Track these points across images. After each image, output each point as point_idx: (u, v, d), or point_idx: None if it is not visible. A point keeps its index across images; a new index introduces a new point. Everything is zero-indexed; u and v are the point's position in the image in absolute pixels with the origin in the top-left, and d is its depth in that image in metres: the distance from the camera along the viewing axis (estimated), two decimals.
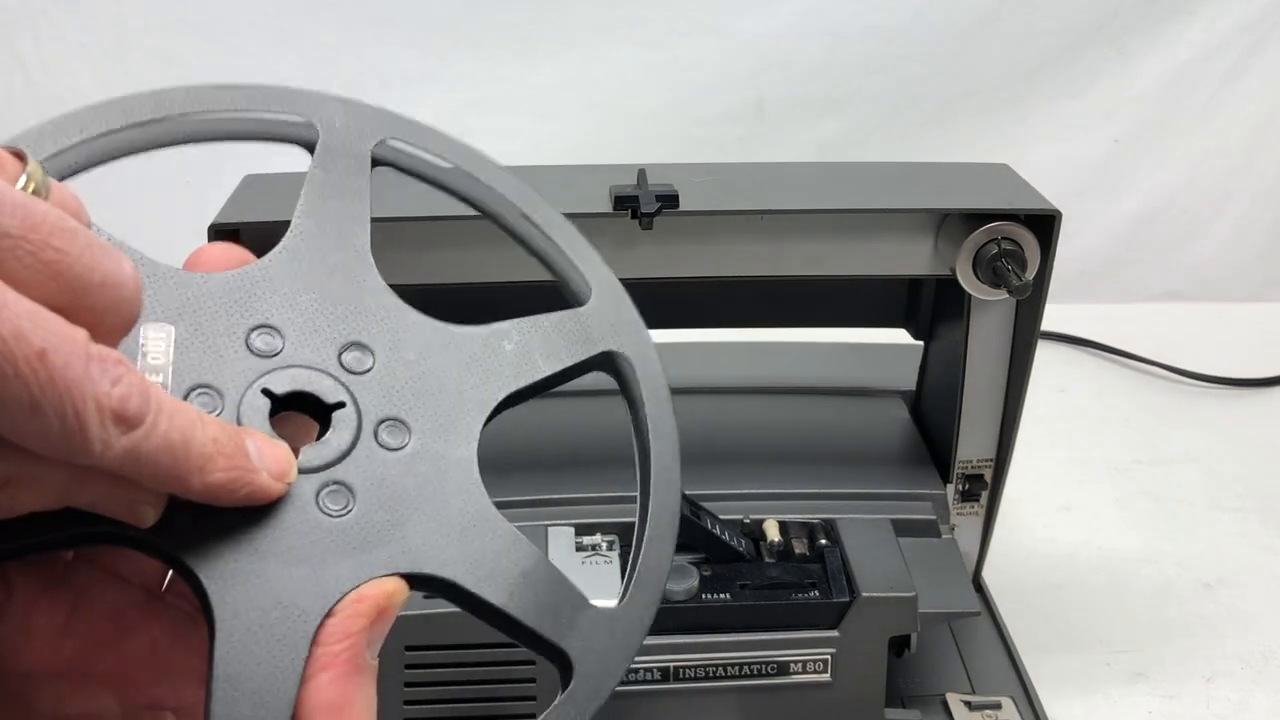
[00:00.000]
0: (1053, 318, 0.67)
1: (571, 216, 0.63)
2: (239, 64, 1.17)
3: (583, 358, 0.37)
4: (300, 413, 0.33)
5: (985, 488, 0.72)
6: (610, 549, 0.64)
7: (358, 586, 0.30)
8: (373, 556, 0.31)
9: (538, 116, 1.22)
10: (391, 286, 0.53)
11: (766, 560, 0.64)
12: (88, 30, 1.16)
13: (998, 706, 0.66)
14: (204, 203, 0.61)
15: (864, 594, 0.61)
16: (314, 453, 0.32)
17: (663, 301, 0.76)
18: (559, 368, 0.36)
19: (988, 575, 0.77)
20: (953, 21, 1.19)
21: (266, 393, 0.32)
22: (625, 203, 0.59)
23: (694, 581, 0.61)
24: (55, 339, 0.24)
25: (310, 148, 0.37)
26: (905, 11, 1.19)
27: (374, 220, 0.50)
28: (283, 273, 0.34)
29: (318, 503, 0.31)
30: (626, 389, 0.37)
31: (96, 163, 0.35)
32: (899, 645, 0.64)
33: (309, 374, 0.33)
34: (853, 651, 0.62)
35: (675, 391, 0.36)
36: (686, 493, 0.65)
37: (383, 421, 0.33)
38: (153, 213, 1.22)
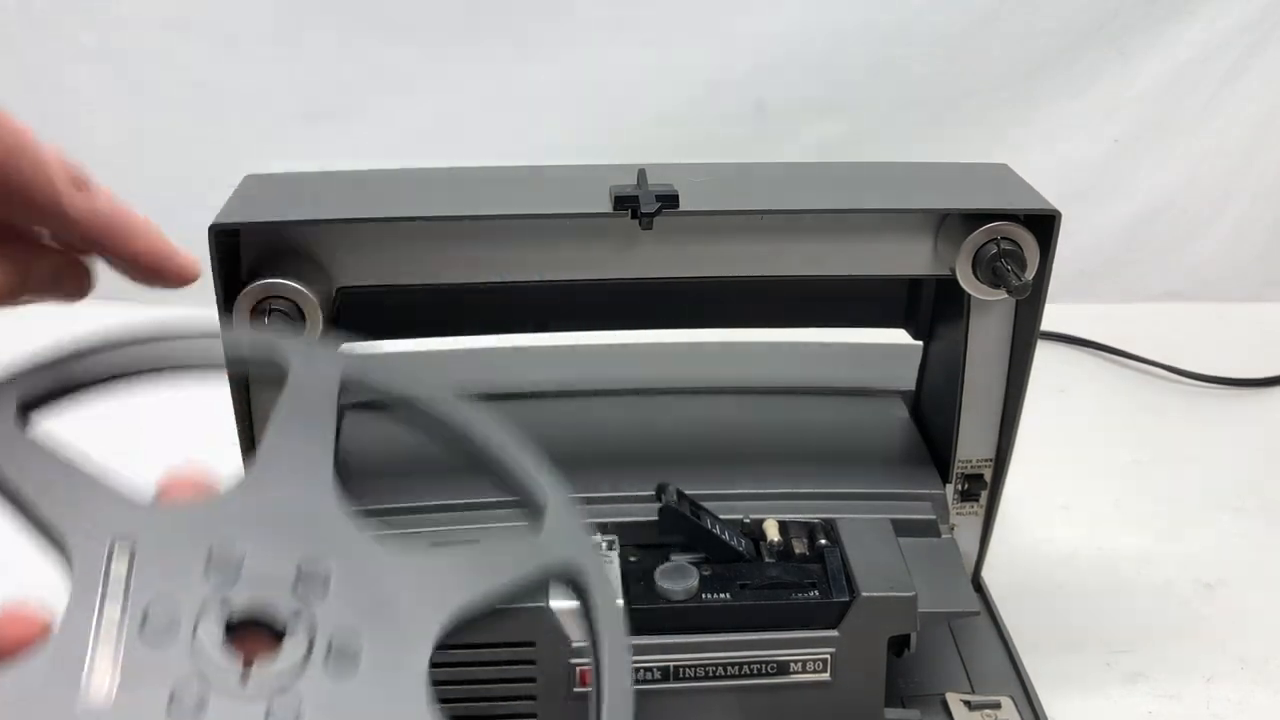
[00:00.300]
0: (1052, 318, 0.67)
1: (572, 216, 0.64)
2: (239, 64, 1.18)
3: (536, 573, 0.38)
4: (257, 629, 0.34)
5: (985, 487, 0.72)
6: (610, 549, 0.64)
7: None
8: None
9: (538, 116, 1.22)
10: (392, 287, 0.54)
11: (766, 560, 0.64)
12: (88, 30, 1.16)
13: (997, 706, 0.66)
14: (204, 203, 0.61)
15: (864, 594, 0.61)
16: (266, 671, 0.33)
17: (663, 301, 0.76)
18: (512, 584, 0.37)
19: (987, 575, 0.77)
20: (953, 21, 1.19)
21: (222, 612, 0.34)
22: (625, 203, 0.59)
23: (694, 581, 0.61)
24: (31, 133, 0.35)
25: (280, 381, 0.39)
26: (905, 11, 1.19)
27: (380, 220, 0.51)
28: (246, 500, 0.36)
29: None
30: (582, 604, 0.38)
31: (64, 391, 0.37)
32: (899, 645, 0.64)
33: (265, 594, 0.34)
34: (852, 651, 0.62)
35: (676, 391, 0.37)
36: (687, 492, 0.66)
37: (335, 640, 0.34)
38: (153, 213, 1.22)
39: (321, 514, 0.37)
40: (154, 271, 0.39)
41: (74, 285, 0.39)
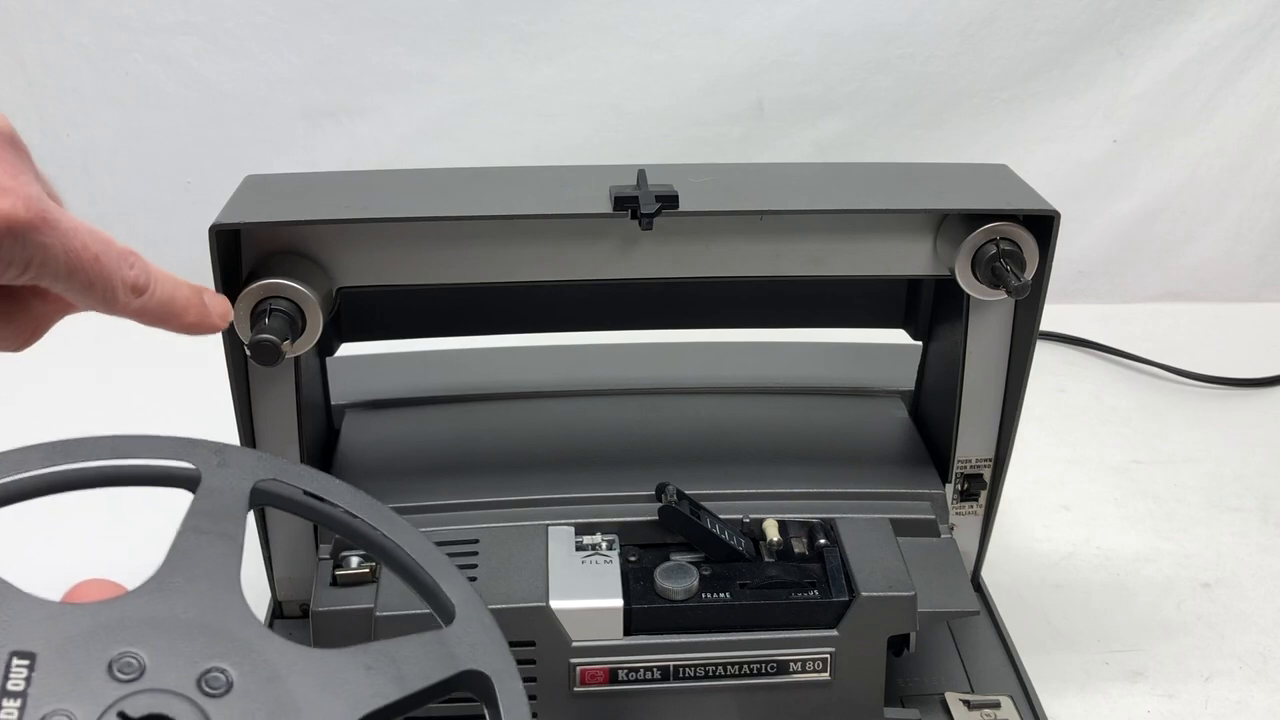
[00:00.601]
0: (1052, 318, 0.67)
1: (572, 217, 0.64)
2: (239, 64, 1.18)
3: (444, 677, 0.38)
4: None
5: (984, 487, 0.72)
6: (610, 549, 0.64)
7: None
8: None
9: (538, 117, 1.22)
10: (392, 287, 0.54)
11: (766, 560, 0.64)
12: (88, 31, 1.16)
13: (996, 705, 0.66)
14: (204, 203, 0.61)
15: (863, 593, 0.61)
16: None
17: (663, 301, 0.76)
18: (419, 688, 0.37)
19: (987, 575, 0.77)
20: (952, 21, 1.19)
21: (122, 716, 0.34)
22: (625, 203, 0.59)
23: (694, 581, 0.61)
24: (104, 246, 0.43)
25: (193, 487, 0.40)
26: (905, 11, 1.19)
27: (380, 220, 0.52)
28: (150, 603, 0.37)
29: None
30: (490, 711, 0.38)
31: None
32: (898, 644, 0.64)
33: (166, 698, 0.35)
34: (852, 651, 0.62)
35: (676, 391, 0.37)
36: (687, 492, 0.66)
37: None
38: (153, 213, 1.22)
39: (227, 619, 0.37)
40: (197, 331, 0.48)
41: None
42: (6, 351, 0.46)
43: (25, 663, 0.34)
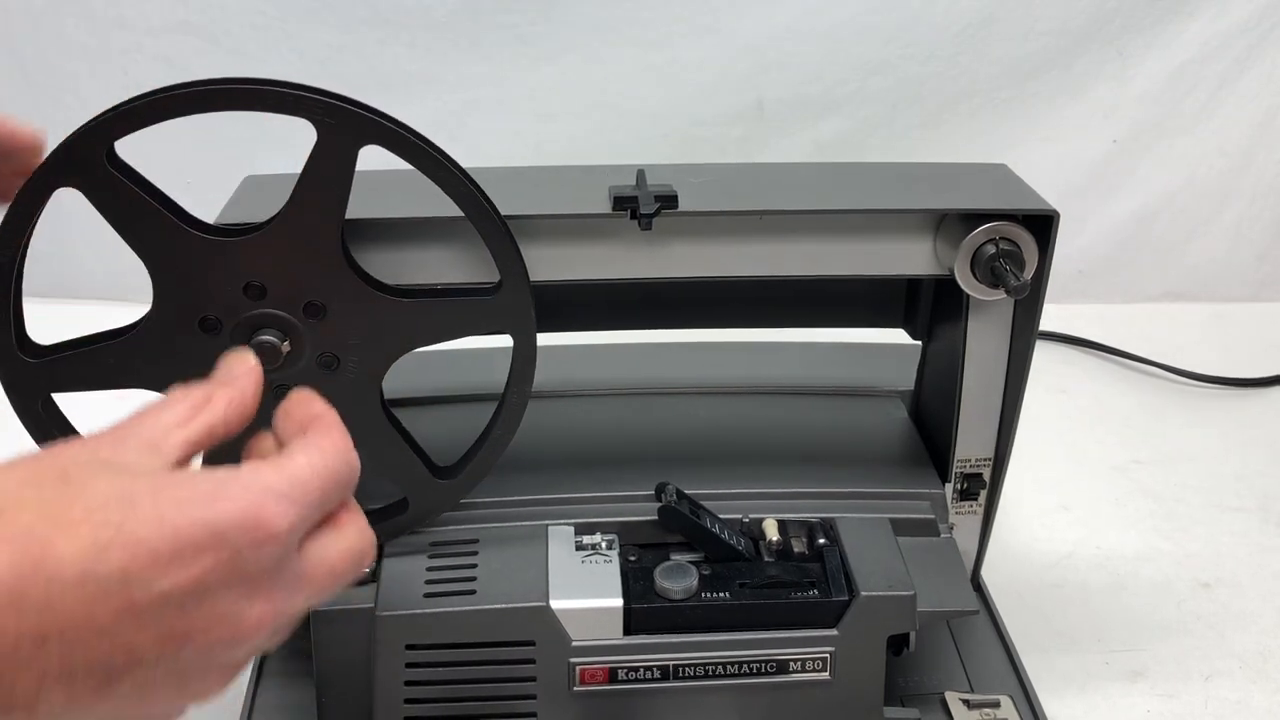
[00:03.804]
0: (1051, 318, 0.67)
1: (571, 217, 0.64)
2: (239, 64, 1.18)
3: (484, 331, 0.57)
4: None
5: (984, 487, 0.72)
6: (610, 548, 0.64)
7: None
8: None
9: (538, 117, 1.22)
10: (393, 287, 0.54)
11: (766, 559, 0.64)
12: (88, 31, 1.16)
13: (996, 705, 0.67)
14: (204, 203, 0.61)
15: (863, 593, 0.61)
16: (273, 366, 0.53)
17: (662, 302, 0.76)
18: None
19: (986, 574, 0.77)
20: (952, 21, 1.19)
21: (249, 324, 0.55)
22: (625, 203, 0.59)
23: (693, 581, 0.61)
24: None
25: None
26: (905, 11, 1.19)
27: (380, 220, 0.58)
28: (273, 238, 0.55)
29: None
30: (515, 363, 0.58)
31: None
32: (898, 644, 0.64)
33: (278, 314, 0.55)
34: (852, 650, 0.62)
35: (676, 392, 0.37)
36: (687, 492, 0.66)
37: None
38: None
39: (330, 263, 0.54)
40: None
41: None
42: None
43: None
